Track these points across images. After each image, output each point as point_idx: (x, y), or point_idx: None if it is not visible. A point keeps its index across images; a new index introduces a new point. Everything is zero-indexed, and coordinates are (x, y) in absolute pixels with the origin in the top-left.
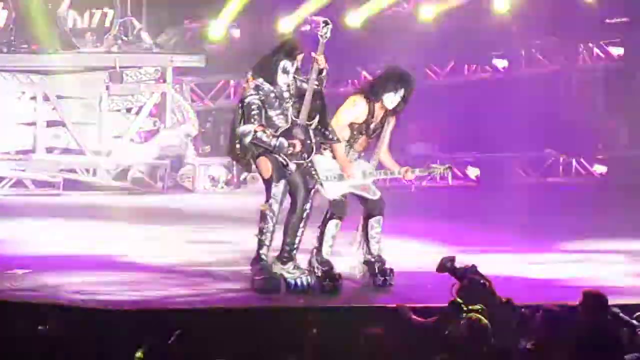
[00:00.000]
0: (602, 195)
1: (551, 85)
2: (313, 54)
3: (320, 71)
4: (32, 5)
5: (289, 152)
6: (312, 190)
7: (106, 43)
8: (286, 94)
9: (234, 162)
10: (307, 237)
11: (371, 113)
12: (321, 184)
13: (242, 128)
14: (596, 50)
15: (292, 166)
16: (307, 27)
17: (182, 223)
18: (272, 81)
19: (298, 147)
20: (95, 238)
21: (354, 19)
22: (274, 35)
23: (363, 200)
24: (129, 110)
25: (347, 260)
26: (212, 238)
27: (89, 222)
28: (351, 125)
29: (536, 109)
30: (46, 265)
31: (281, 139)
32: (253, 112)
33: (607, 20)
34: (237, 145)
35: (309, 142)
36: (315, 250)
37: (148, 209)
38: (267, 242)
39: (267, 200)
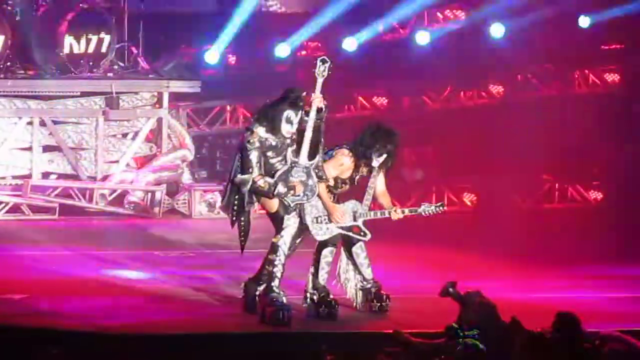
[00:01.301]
0: (599, 221)
1: (547, 111)
2: (313, 95)
3: (319, 110)
4: (29, 31)
5: (290, 195)
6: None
7: (103, 68)
8: (288, 141)
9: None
10: (304, 263)
11: (357, 169)
12: (310, 226)
13: (241, 177)
14: (592, 76)
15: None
16: (304, 52)
17: (179, 248)
18: (275, 131)
19: (299, 190)
20: (92, 263)
21: (351, 44)
22: (270, 61)
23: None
24: (125, 135)
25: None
26: (209, 263)
27: (85, 247)
28: (336, 178)
29: (532, 135)
30: (42, 290)
31: (279, 187)
32: (252, 162)
33: (603, 47)
34: (235, 195)
35: (310, 181)
36: (311, 277)
37: (144, 234)
38: (278, 274)
39: (278, 233)
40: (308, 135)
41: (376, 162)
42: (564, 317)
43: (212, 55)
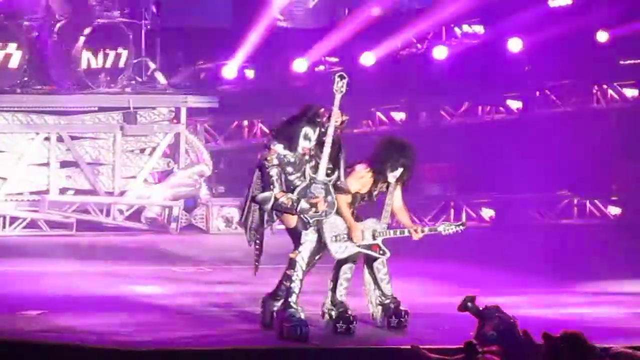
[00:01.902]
0: (617, 237)
1: (565, 127)
2: (331, 111)
3: (338, 125)
4: (46, 46)
5: (312, 212)
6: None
7: (120, 83)
8: (307, 157)
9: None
10: (322, 279)
11: (375, 184)
12: (329, 245)
13: (262, 195)
14: (610, 91)
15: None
16: (321, 68)
17: (197, 264)
18: (293, 147)
19: (321, 207)
20: (109, 278)
21: (369, 59)
22: (288, 76)
23: None
24: (142, 150)
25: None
26: (226, 279)
27: (103, 263)
28: (355, 194)
29: (550, 150)
30: (60, 306)
31: (302, 203)
32: (272, 179)
33: (622, 62)
34: (254, 213)
35: (330, 197)
36: (330, 293)
37: (162, 250)
38: (296, 290)
39: (296, 248)
40: (327, 151)
41: (392, 177)
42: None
43: (230, 70)
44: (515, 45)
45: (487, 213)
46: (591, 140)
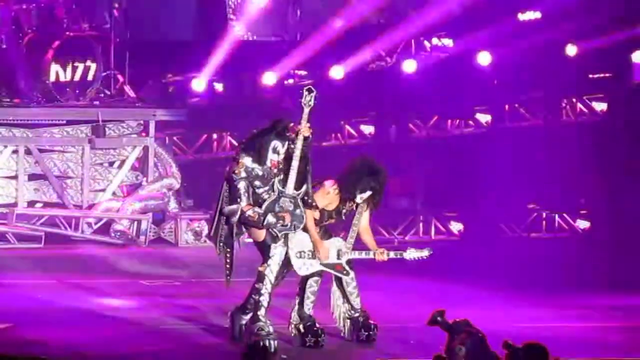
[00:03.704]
0: (586, 250)
1: (534, 140)
2: (299, 127)
3: (305, 139)
4: (15, 59)
5: (279, 226)
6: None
7: (89, 96)
8: (275, 170)
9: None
10: (289, 291)
11: (343, 202)
12: (293, 260)
13: (230, 208)
14: (579, 105)
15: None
16: (291, 81)
17: (165, 277)
18: (262, 161)
19: (287, 220)
20: (77, 292)
21: (338, 72)
22: (257, 89)
23: None
24: (111, 163)
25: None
26: (195, 292)
27: (71, 276)
28: (322, 210)
29: (519, 164)
30: (28, 319)
31: (269, 217)
32: (240, 192)
33: (591, 75)
34: (223, 225)
35: (298, 211)
36: (297, 306)
37: (130, 263)
38: (264, 303)
39: (265, 261)
40: (295, 164)
41: (359, 198)
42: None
43: (199, 83)
44: (484, 58)
45: (456, 227)
46: (560, 153)
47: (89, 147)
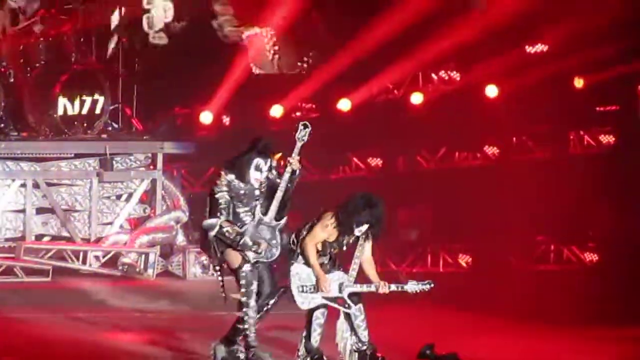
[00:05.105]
0: (594, 283)
1: (542, 172)
2: (289, 159)
3: (293, 172)
4: (23, 93)
5: (253, 250)
6: (280, 292)
7: (96, 130)
8: (257, 192)
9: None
10: (296, 324)
11: (342, 234)
12: (295, 296)
13: (208, 221)
14: (587, 137)
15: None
16: (298, 114)
17: (173, 310)
18: (244, 178)
19: (262, 247)
20: (85, 326)
21: (345, 104)
22: (264, 122)
23: None
24: (119, 197)
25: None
26: (202, 325)
27: (79, 310)
28: (324, 242)
29: (527, 197)
30: (35, 354)
31: (245, 239)
32: (221, 207)
33: (598, 108)
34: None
35: (274, 241)
36: (303, 340)
37: (138, 296)
38: (252, 330)
39: (241, 289)
40: (279, 195)
41: (357, 231)
42: None
43: (206, 116)
44: (491, 91)
45: (464, 259)
46: (568, 186)
47: (96, 181)
